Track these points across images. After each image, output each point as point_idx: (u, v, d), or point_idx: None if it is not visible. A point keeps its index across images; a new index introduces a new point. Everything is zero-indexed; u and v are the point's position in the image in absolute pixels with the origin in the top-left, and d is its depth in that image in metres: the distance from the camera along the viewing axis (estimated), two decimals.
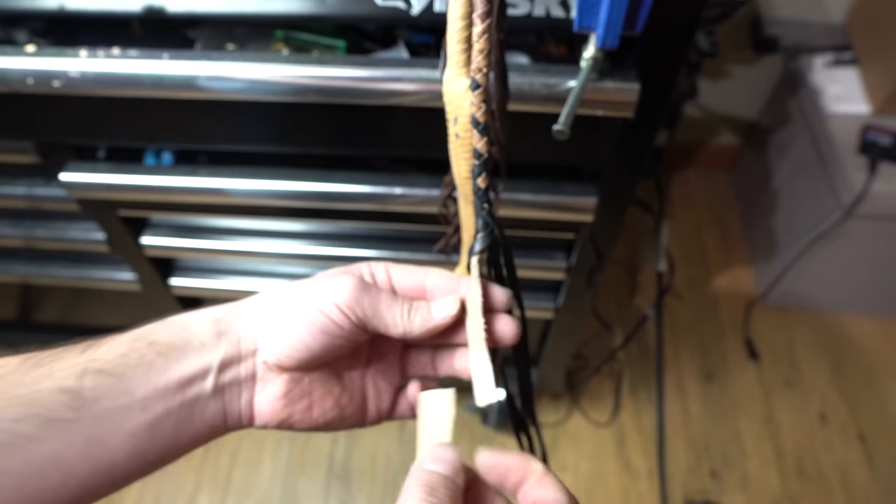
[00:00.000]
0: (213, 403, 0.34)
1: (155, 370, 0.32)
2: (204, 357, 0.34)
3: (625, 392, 1.40)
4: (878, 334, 1.51)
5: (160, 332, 0.34)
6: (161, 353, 0.33)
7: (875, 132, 1.20)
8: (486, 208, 0.36)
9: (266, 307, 0.36)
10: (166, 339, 0.34)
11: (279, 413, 0.36)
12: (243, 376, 0.35)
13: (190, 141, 0.67)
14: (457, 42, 0.34)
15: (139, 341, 0.33)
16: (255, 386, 0.35)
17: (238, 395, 0.35)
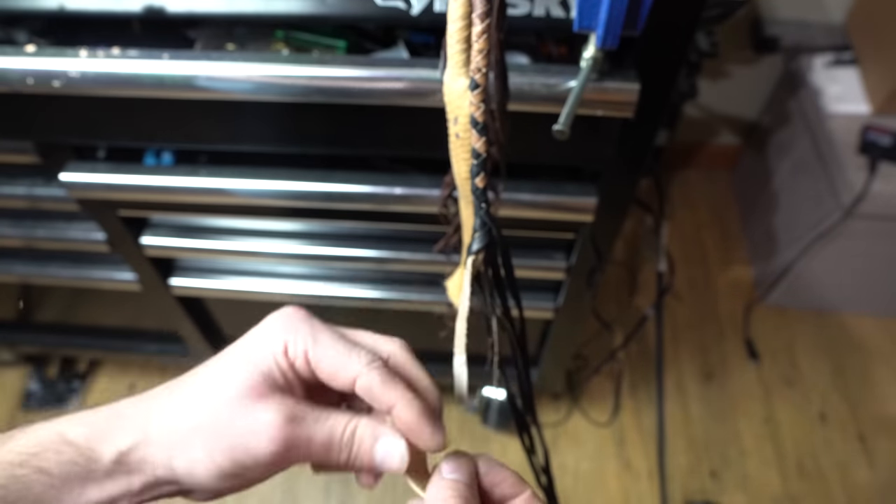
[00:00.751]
0: None
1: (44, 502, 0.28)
2: (110, 490, 0.30)
3: (625, 392, 1.40)
4: (878, 334, 1.51)
5: (52, 456, 0.29)
6: (53, 485, 0.28)
7: (875, 132, 1.20)
8: (484, 208, 0.36)
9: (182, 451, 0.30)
10: (59, 469, 0.29)
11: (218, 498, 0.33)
12: (167, 493, 0.31)
13: (190, 141, 0.67)
14: (456, 42, 0.34)
15: (24, 467, 0.28)
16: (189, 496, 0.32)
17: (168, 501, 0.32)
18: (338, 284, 0.90)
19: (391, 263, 0.82)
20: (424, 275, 0.88)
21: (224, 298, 0.97)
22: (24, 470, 0.28)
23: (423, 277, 0.89)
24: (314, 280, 0.91)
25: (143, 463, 0.30)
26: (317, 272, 0.91)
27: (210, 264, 0.92)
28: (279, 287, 0.90)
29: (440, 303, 0.86)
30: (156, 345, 1.17)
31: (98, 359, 1.40)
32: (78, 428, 0.31)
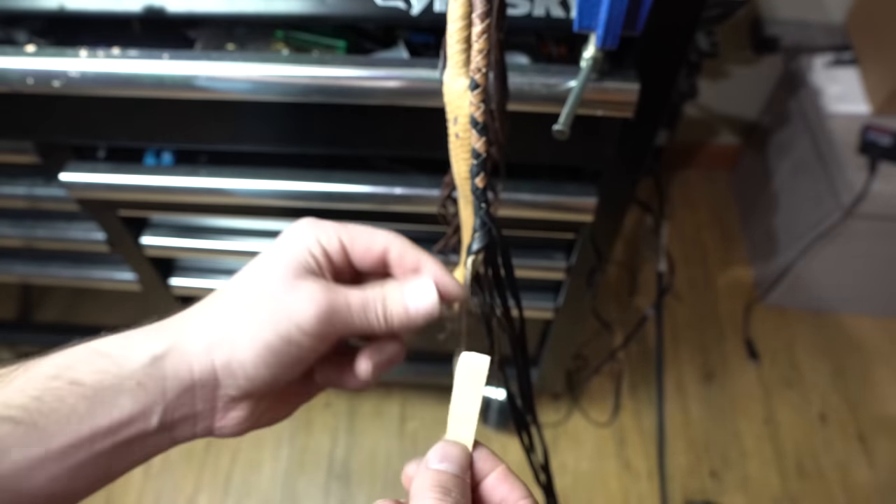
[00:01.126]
0: (158, 437, 0.30)
1: (78, 416, 0.27)
2: (143, 400, 0.29)
3: (625, 392, 1.40)
4: (878, 334, 1.51)
5: (85, 367, 0.29)
6: (85, 395, 0.28)
7: (875, 132, 1.20)
8: (484, 208, 0.36)
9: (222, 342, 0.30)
10: (92, 378, 0.28)
11: (242, 430, 0.33)
12: (199, 411, 0.31)
13: (190, 141, 0.67)
14: (456, 42, 0.34)
15: (58, 379, 0.28)
16: (214, 416, 0.32)
17: (192, 425, 0.31)
18: None
19: None
20: None
21: None
22: (58, 382, 0.28)
23: None
24: None
25: (179, 364, 0.30)
26: None
27: (210, 264, 0.92)
28: None
29: None
30: None
31: None
32: (113, 340, 0.31)
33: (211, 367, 0.30)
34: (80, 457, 0.27)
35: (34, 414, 0.27)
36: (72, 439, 0.27)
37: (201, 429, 0.31)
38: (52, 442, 0.27)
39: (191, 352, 0.30)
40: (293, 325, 0.30)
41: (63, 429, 0.27)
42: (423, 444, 1.31)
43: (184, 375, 0.30)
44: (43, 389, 0.27)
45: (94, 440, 0.28)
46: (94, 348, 0.30)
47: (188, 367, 0.30)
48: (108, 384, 0.28)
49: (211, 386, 0.30)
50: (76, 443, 0.27)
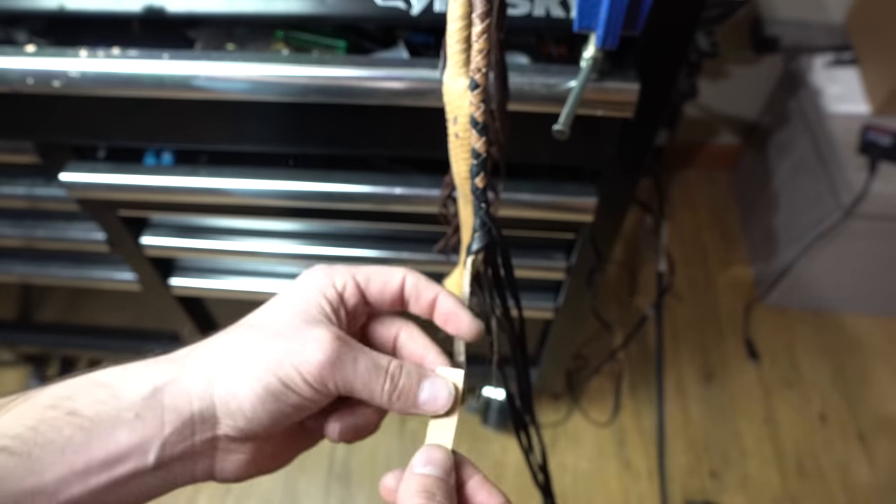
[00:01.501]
0: (156, 476, 0.29)
1: (73, 448, 0.27)
2: (140, 433, 0.28)
3: (625, 392, 1.40)
4: (878, 334, 1.51)
5: (84, 397, 0.28)
6: (82, 426, 0.27)
7: (875, 132, 1.20)
8: (484, 208, 0.36)
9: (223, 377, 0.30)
10: (90, 409, 0.28)
11: (243, 474, 0.32)
12: (199, 448, 0.30)
13: (190, 141, 0.67)
14: (456, 42, 0.34)
15: (55, 409, 0.27)
16: (215, 455, 0.31)
17: (192, 464, 0.30)
18: None
19: (391, 263, 0.81)
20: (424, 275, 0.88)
21: (224, 298, 0.97)
22: (55, 412, 0.27)
23: None
24: None
25: (178, 397, 0.29)
26: None
27: (210, 264, 0.92)
28: (279, 287, 0.90)
29: None
30: (156, 345, 1.17)
31: (98, 359, 1.40)
32: (113, 371, 0.30)
33: (211, 404, 0.30)
34: (73, 492, 0.27)
35: (29, 444, 0.26)
36: (66, 472, 0.26)
37: (200, 470, 0.31)
38: (46, 474, 0.26)
39: (191, 386, 0.30)
40: (294, 370, 0.29)
41: (58, 460, 0.26)
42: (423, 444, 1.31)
43: (183, 409, 0.29)
44: (39, 420, 0.27)
45: (89, 474, 0.27)
46: (94, 379, 0.29)
47: (188, 402, 0.29)
48: (105, 416, 0.28)
49: (210, 423, 0.30)
50: (70, 476, 0.27)
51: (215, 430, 0.30)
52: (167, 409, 0.29)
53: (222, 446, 0.30)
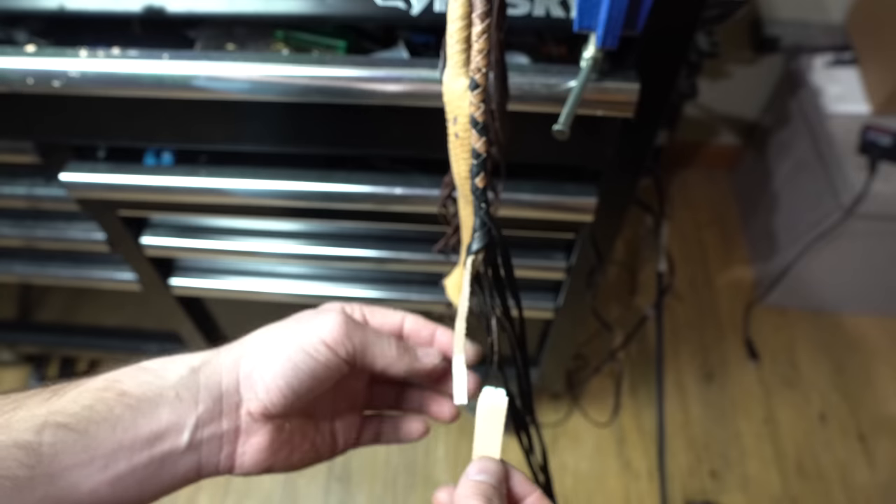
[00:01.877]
0: (186, 458, 0.32)
1: (123, 425, 0.30)
2: (179, 411, 0.32)
3: (625, 392, 1.40)
4: (878, 334, 1.51)
5: (131, 380, 0.32)
6: (131, 405, 0.31)
7: (875, 132, 1.20)
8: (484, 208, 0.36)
9: (249, 354, 0.34)
10: (138, 390, 0.31)
11: (261, 464, 0.35)
12: (224, 430, 0.33)
13: (190, 141, 0.67)
14: (456, 42, 0.34)
15: (108, 391, 0.31)
16: (237, 440, 0.34)
17: (218, 450, 0.33)
18: (338, 284, 0.90)
19: (391, 263, 0.82)
20: (424, 275, 0.88)
21: (224, 298, 0.97)
22: (108, 393, 0.31)
23: (423, 277, 0.89)
24: (314, 280, 0.91)
25: (210, 375, 0.33)
26: (317, 272, 0.91)
27: (210, 264, 0.92)
28: (279, 287, 0.90)
29: (440, 303, 0.86)
30: (156, 345, 1.17)
31: (98, 359, 1.40)
32: (157, 360, 0.34)
33: (235, 379, 0.33)
34: (119, 468, 0.30)
35: (85, 422, 0.29)
36: (115, 447, 0.29)
37: (225, 456, 0.33)
38: (99, 449, 0.29)
39: (222, 364, 0.34)
40: (316, 337, 0.33)
41: (110, 436, 0.29)
42: (423, 444, 1.31)
43: (213, 388, 0.33)
44: (95, 400, 0.30)
45: (134, 450, 0.30)
46: (140, 366, 0.33)
47: (217, 380, 0.33)
48: (150, 395, 0.31)
49: (235, 401, 0.33)
50: (118, 451, 0.30)
51: (239, 409, 0.33)
52: (202, 388, 0.33)
53: (245, 428, 0.34)
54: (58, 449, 0.28)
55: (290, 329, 0.34)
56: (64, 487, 0.28)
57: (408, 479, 1.26)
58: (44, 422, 0.28)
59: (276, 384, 0.33)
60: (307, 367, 0.33)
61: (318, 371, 0.33)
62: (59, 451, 0.28)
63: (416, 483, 1.26)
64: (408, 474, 1.27)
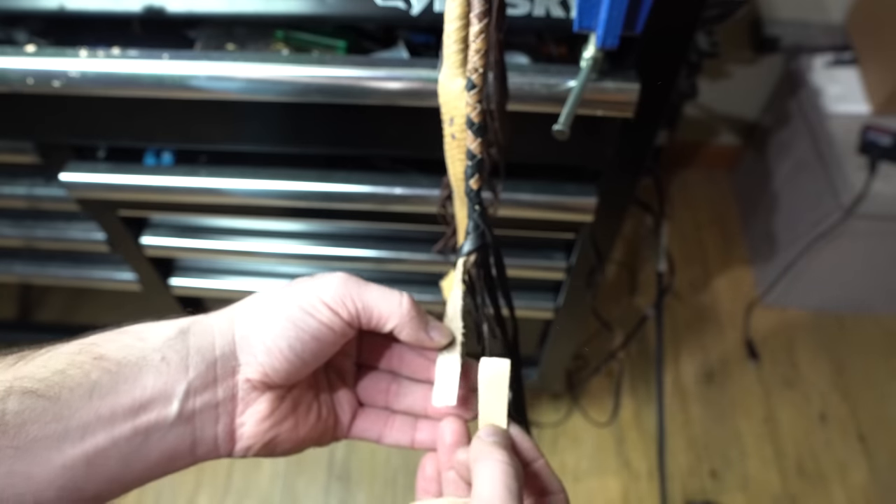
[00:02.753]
0: (177, 431, 0.28)
1: (100, 392, 0.26)
2: (165, 377, 0.28)
3: (625, 392, 1.40)
4: (878, 334, 1.51)
5: (110, 343, 0.28)
6: (109, 370, 0.27)
7: (875, 132, 1.20)
8: (478, 210, 0.35)
9: (245, 315, 0.31)
10: (117, 353, 0.28)
11: (264, 436, 0.31)
12: (220, 399, 0.30)
13: (190, 141, 0.67)
14: (453, 42, 0.34)
15: (83, 354, 0.27)
16: (235, 409, 0.30)
17: (213, 421, 0.30)
18: None
19: (391, 263, 0.82)
20: (424, 275, 0.88)
21: (224, 298, 0.97)
22: (83, 357, 0.27)
23: (422, 277, 0.89)
24: None
25: (202, 337, 0.30)
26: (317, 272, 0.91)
27: (210, 264, 0.92)
28: None
29: (440, 303, 0.86)
30: None
31: None
32: (140, 324, 0.31)
33: (231, 341, 0.30)
34: (98, 441, 0.26)
35: (56, 388, 0.26)
36: (91, 417, 0.26)
37: (223, 428, 0.30)
38: (73, 420, 0.26)
39: (214, 325, 0.30)
40: (315, 296, 0.30)
41: (85, 405, 0.26)
42: None
43: (206, 351, 0.29)
44: (68, 364, 0.27)
45: (114, 421, 0.27)
46: (120, 329, 0.30)
47: (211, 341, 0.30)
48: (133, 358, 0.28)
49: (231, 366, 0.30)
50: (95, 422, 0.26)
51: (236, 375, 0.30)
52: (192, 350, 0.29)
53: (243, 396, 0.30)
54: (25, 418, 0.25)
55: (288, 290, 0.31)
56: (33, 462, 0.25)
57: (408, 479, 1.26)
58: (8, 388, 0.25)
59: (276, 346, 0.30)
60: (308, 328, 0.30)
61: (320, 332, 0.30)
62: (27, 421, 0.25)
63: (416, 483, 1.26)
64: (408, 474, 1.27)
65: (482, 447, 0.29)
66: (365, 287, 0.32)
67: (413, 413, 0.37)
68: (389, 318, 0.32)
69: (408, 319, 0.32)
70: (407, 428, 0.36)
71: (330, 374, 0.36)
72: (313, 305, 0.30)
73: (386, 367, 0.37)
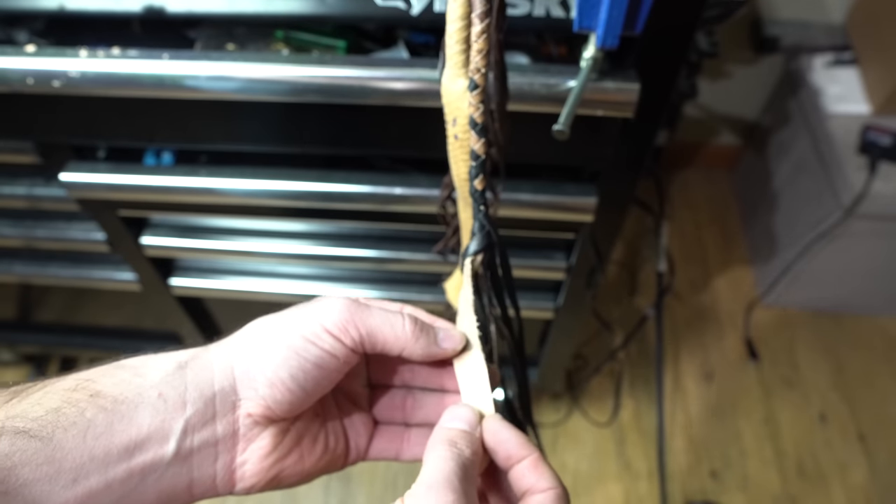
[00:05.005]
0: (174, 471, 0.27)
1: (94, 432, 0.26)
2: (163, 415, 0.27)
3: (625, 392, 1.40)
4: (878, 334, 1.51)
5: (106, 379, 0.28)
6: (104, 408, 0.26)
7: (875, 132, 1.20)
8: (483, 210, 0.35)
9: (244, 347, 0.30)
10: (113, 389, 0.27)
11: (267, 473, 0.30)
12: (220, 436, 0.29)
13: (190, 141, 0.67)
14: (455, 43, 0.34)
15: (78, 392, 0.27)
16: (235, 446, 0.29)
17: (213, 460, 0.29)
18: (338, 284, 0.90)
19: (391, 263, 0.82)
20: (424, 275, 0.88)
21: (224, 298, 0.97)
22: (78, 394, 0.26)
23: (423, 277, 0.89)
24: (314, 280, 0.91)
25: (200, 372, 0.29)
26: (317, 272, 0.91)
27: (210, 264, 0.92)
28: (279, 287, 0.90)
29: (440, 303, 0.86)
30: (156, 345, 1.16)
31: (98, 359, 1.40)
32: (136, 357, 0.30)
33: (230, 375, 0.29)
34: (91, 484, 0.25)
35: (49, 427, 0.25)
36: (85, 459, 0.25)
37: (222, 466, 0.29)
38: (65, 460, 0.25)
39: (213, 359, 0.29)
40: (317, 324, 0.29)
41: (79, 445, 0.25)
42: None
43: (205, 386, 0.28)
44: (63, 402, 0.26)
45: (108, 461, 0.26)
46: (117, 363, 0.29)
47: (210, 377, 0.29)
48: (129, 395, 0.27)
49: (231, 401, 0.29)
50: (89, 464, 0.25)
51: (236, 411, 0.29)
52: (189, 385, 0.28)
53: (244, 433, 0.29)
54: (16, 460, 0.24)
55: (288, 317, 0.30)
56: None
57: (408, 480, 1.26)
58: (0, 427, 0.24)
59: (278, 377, 0.29)
60: (311, 356, 0.29)
61: (324, 360, 0.29)
62: (18, 463, 0.24)
63: None
64: (408, 475, 1.27)
65: (436, 433, 0.29)
66: (367, 312, 0.31)
67: (430, 424, 0.35)
68: (395, 344, 0.31)
69: (414, 341, 0.31)
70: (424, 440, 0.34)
71: (340, 399, 0.35)
72: (315, 333, 0.29)
73: (399, 382, 0.36)
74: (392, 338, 0.31)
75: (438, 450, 0.28)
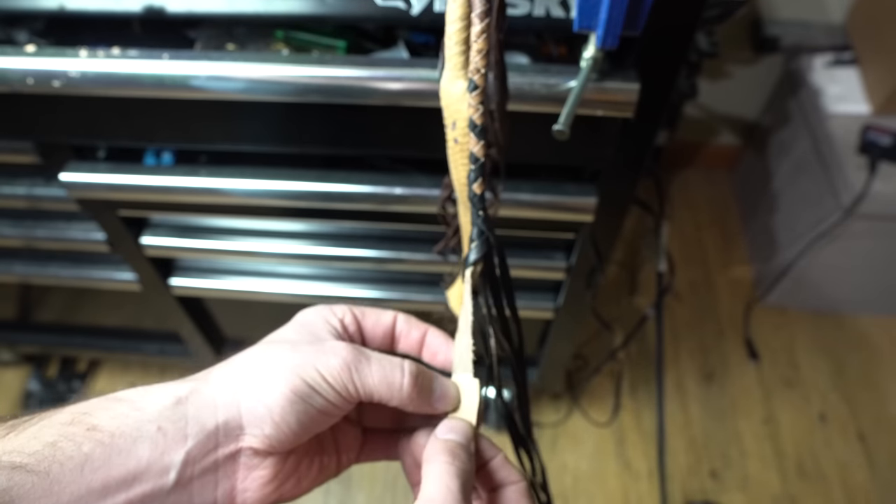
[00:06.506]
0: (174, 499, 0.28)
1: (92, 465, 0.26)
2: (162, 448, 0.27)
3: (625, 392, 1.40)
4: (878, 334, 1.51)
5: (104, 413, 0.27)
6: (102, 441, 0.26)
7: (875, 132, 1.20)
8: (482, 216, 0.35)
9: (248, 383, 0.30)
10: (111, 423, 0.27)
11: (268, 498, 0.31)
12: (221, 464, 0.29)
13: (190, 141, 0.67)
14: (455, 43, 0.34)
15: (75, 425, 0.27)
16: (236, 474, 0.30)
17: (213, 486, 0.29)
18: (338, 284, 0.90)
19: (391, 263, 0.82)
20: (424, 275, 0.88)
21: (224, 298, 0.97)
22: (75, 428, 0.26)
23: (423, 277, 0.89)
24: (314, 280, 0.91)
25: (202, 407, 0.29)
26: (317, 272, 0.91)
27: (210, 264, 0.92)
28: (279, 287, 0.90)
29: (440, 303, 0.86)
30: (156, 345, 1.17)
31: (98, 359, 1.40)
32: (134, 389, 0.29)
33: (237, 411, 0.29)
34: None
35: (46, 462, 0.25)
36: (83, 492, 0.25)
37: (222, 494, 0.29)
38: (64, 493, 0.25)
39: (216, 395, 0.29)
40: (317, 373, 0.30)
41: (76, 479, 0.25)
42: None
43: (206, 420, 0.28)
44: (59, 436, 0.26)
45: (106, 493, 0.26)
46: (114, 396, 0.29)
47: (212, 411, 0.29)
48: (127, 429, 0.27)
49: (234, 435, 0.29)
50: (87, 497, 0.25)
51: (239, 443, 0.29)
52: (191, 419, 0.28)
53: (245, 462, 0.30)
54: (13, 495, 0.24)
55: (290, 358, 0.31)
56: None
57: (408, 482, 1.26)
58: None
59: (285, 421, 0.29)
60: (316, 404, 0.30)
61: (326, 408, 0.30)
62: (15, 498, 0.24)
63: None
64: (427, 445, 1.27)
65: (433, 445, 0.31)
66: (367, 368, 0.31)
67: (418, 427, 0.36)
68: (390, 400, 0.32)
69: (409, 401, 0.32)
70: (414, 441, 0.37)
71: None
72: (317, 382, 0.30)
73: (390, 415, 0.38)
74: (388, 395, 0.32)
75: (439, 463, 0.29)
